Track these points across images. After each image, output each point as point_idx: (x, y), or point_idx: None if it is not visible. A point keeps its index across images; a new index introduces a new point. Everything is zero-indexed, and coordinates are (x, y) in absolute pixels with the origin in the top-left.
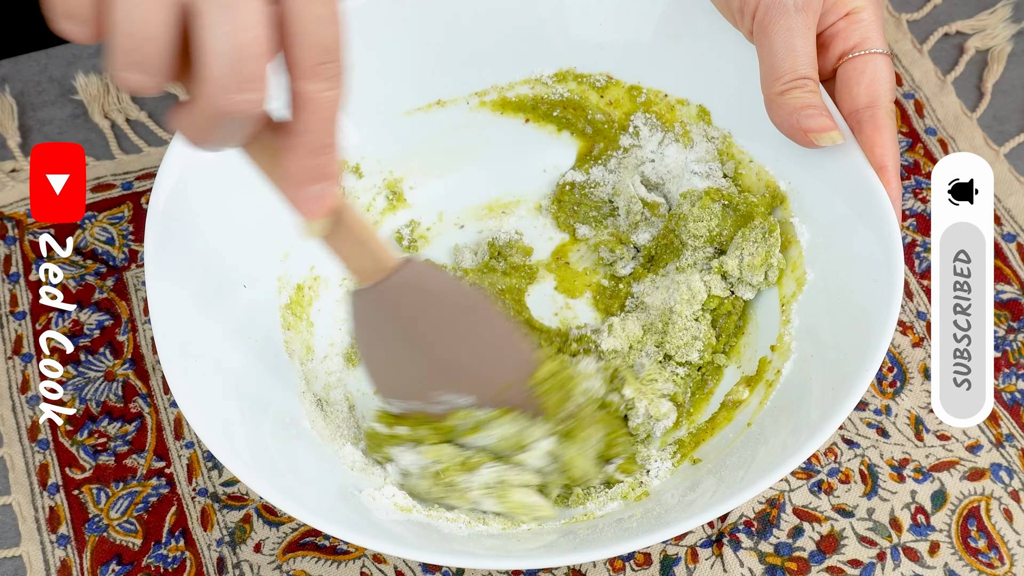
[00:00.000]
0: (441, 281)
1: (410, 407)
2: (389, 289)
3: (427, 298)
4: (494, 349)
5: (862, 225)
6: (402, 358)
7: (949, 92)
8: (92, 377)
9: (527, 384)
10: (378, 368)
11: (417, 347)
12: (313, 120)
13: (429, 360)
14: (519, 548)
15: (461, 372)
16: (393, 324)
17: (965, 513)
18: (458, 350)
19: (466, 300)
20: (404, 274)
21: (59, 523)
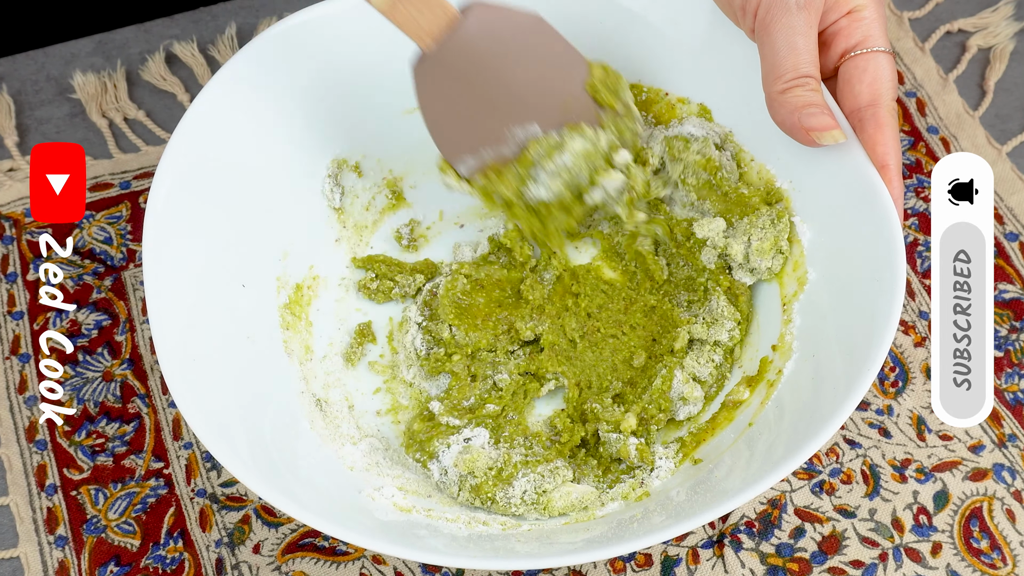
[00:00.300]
0: (499, 16)
1: (482, 160)
2: (453, 45)
3: (489, 40)
4: (552, 66)
5: (864, 224)
6: (471, 107)
7: (951, 90)
8: (90, 377)
9: (585, 89)
10: (448, 129)
11: (484, 91)
12: None
13: (497, 99)
14: (519, 548)
15: (528, 98)
16: (459, 78)
17: (967, 513)
18: (523, 80)
19: (524, 27)
20: (465, 25)
21: (57, 524)
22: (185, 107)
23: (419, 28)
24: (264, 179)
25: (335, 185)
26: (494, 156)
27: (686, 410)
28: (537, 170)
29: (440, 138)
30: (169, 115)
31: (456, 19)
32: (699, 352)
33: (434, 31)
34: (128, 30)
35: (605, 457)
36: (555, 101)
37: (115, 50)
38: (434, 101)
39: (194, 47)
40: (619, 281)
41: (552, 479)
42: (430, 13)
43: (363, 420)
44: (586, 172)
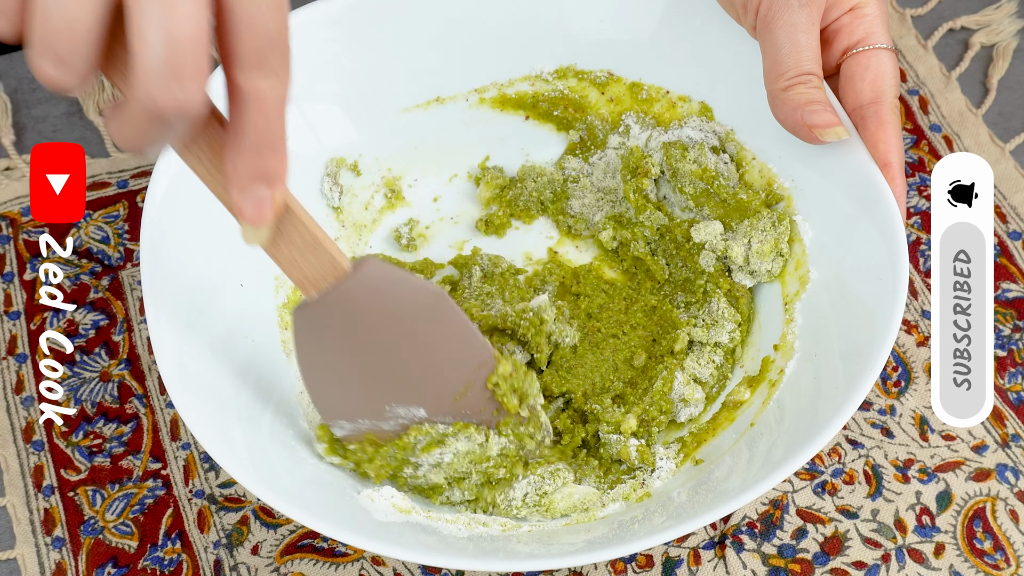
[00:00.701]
0: (394, 281)
1: (358, 428)
2: (340, 295)
3: (379, 302)
4: (451, 351)
5: (866, 223)
6: (352, 372)
7: (954, 88)
8: (87, 378)
9: (487, 385)
10: (324, 388)
11: (368, 357)
12: (256, 116)
13: (381, 370)
14: (520, 549)
15: (416, 379)
16: (342, 336)
17: (971, 514)
18: (414, 355)
19: (421, 300)
20: (355, 279)
21: (54, 525)
22: None
23: (300, 274)
24: None
25: (333, 184)
26: (371, 429)
27: (687, 412)
28: (415, 460)
29: (316, 395)
30: None
31: (344, 273)
32: (699, 353)
33: (318, 281)
34: None
35: (606, 458)
36: (447, 389)
37: None
38: (312, 354)
39: None
40: (619, 281)
41: (553, 481)
42: (315, 260)
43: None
44: (471, 470)
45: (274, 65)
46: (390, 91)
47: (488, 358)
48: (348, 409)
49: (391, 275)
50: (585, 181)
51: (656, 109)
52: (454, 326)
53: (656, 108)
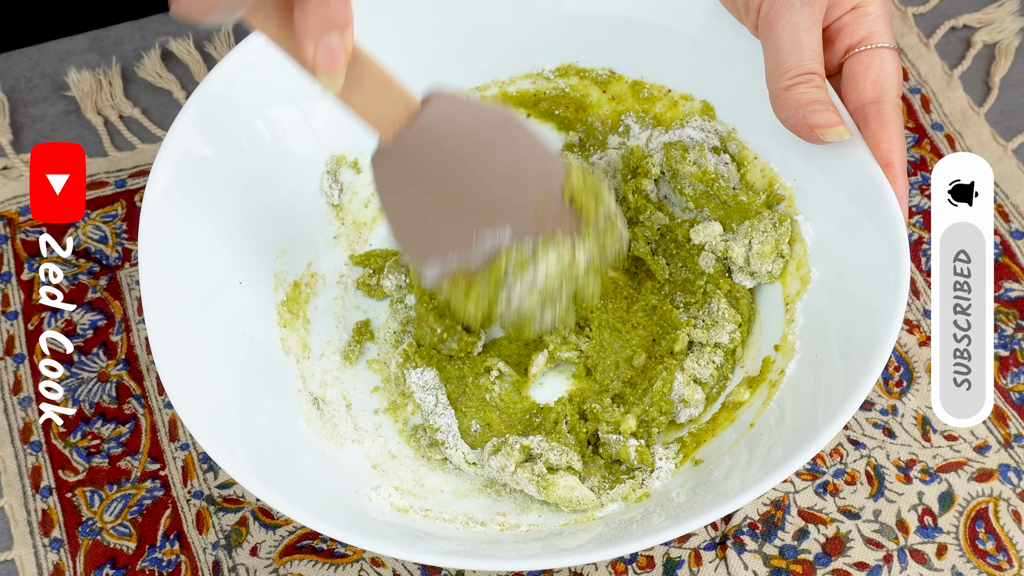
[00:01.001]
0: (463, 107)
1: (448, 265)
2: (415, 133)
3: (455, 130)
4: (525, 166)
5: (868, 222)
6: (436, 205)
7: (956, 87)
8: (85, 378)
9: (563, 193)
10: (412, 228)
11: (449, 187)
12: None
13: (463, 197)
14: (519, 549)
15: (497, 199)
16: (422, 172)
17: (973, 515)
18: (491, 177)
19: (491, 121)
20: (428, 112)
21: (52, 526)
22: (181, 104)
23: (375, 115)
24: (261, 176)
25: (334, 182)
26: (461, 263)
27: (687, 412)
28: (508, 286)
29: (404, 238)
30: (165, 112)
31: (416, 109)
32: (699, 354)
33: (392, 120)
34: (123, 27)
35: (605, 458)
36: (528, 202)
37: (110, 47)
38: (396, 197)
39: (190, 44)
40: (620, 280)
41: (560, 458)
42: (387, 101)
43: (361, 419)
44: (562, 285)
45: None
46: None
47: (560, 167)
48: (438, 243)
49: (459, 102)
50: None
51: (658, 108)
52: (525, 141)
53: (658, 107)
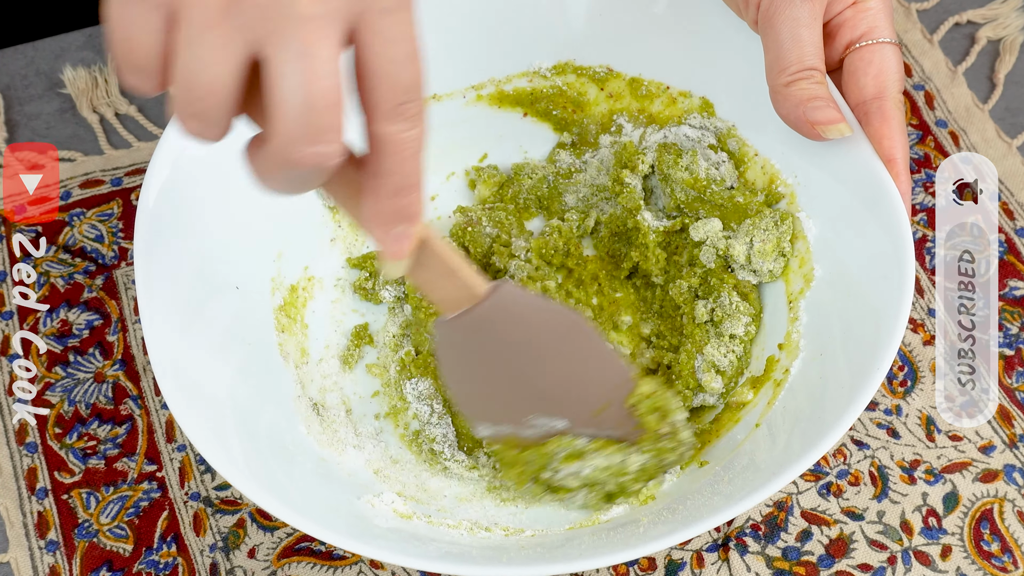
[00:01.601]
0: (531, 304)
1: (500, 432)
2: (476, 317)
3: (517, 323)
4: (589, 369)
5: (871, 220)
6: (492, 382)
7: (960, 83)
8: (81, 378)
9: (625, 404)
10: (467, 392)
11: (508, 371)
12: (395, 162)
13: (521, 383)
14: (522, 555)
15: (555, 394)
16: (481, 351)
17: (978, 516)
18: (552, 372)
19: (558, 321)
20: (493, 301)
21: (48, 528)
22: None
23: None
24: None
25: None
26: (512, 434)
27: (701, 397)
28: (555, 466)
29: (459, 396)
30: (161, 110)
31: (482, 296)
32: (718, 343)
33: (455, 303)
34: None
35: None
36: (587, 405)
37: (106, 44)
38: (453, 362)
39: None
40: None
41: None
42: (453, 286)
43: (361, 424)
44: (608, 480)
45: (410, 114)
46: None
47: (627, 379)
48: (490, 414)
49: (526, 299)
50: (578, 176)
51: (656, 106)
52: (592, 347)
53: (656, 105)
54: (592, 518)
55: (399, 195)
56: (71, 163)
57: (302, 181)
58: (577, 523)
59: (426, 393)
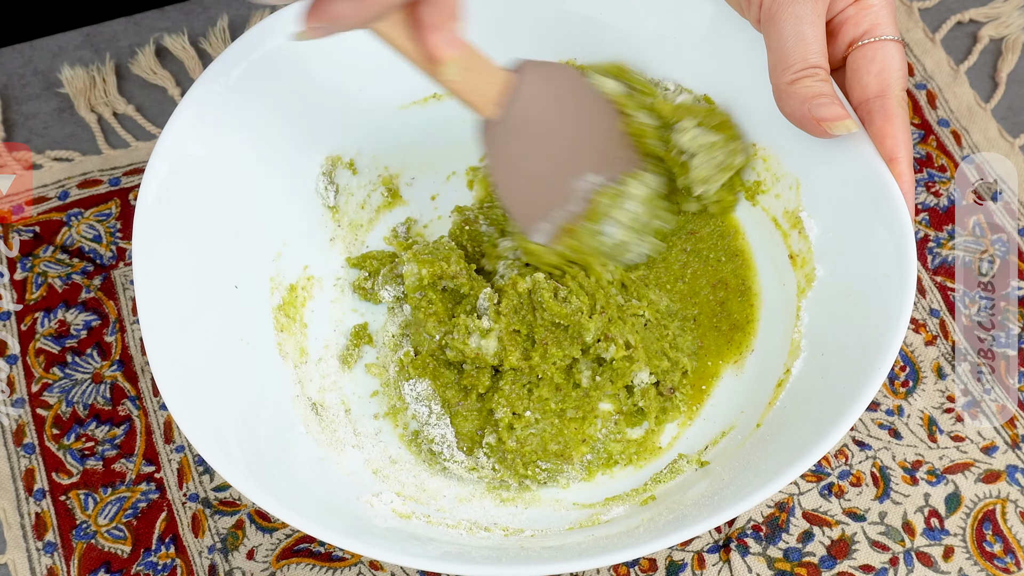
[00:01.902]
0: (548, 73)
1: (553, 222)
2: (515, 106)
3: (545, 97)
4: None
5: (873, 220)
6: (538, 165)
7: (962, 82)
8: (79, 379)
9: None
10: (521, 197)
11: (546, 148)
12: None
13: (561, 150)
14: (521, 555)
15: (583, 150)
16: (525, 139)
17: (980, 516)
18: (579, 126)
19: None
20: (523, 87)
21: (45, 530)
22: (176, 101)
23: (484, 97)
24: (257, 176)
25: (329, 183)
26: (564, 216)
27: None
28: (606, 222)
29: (517, 209)
30: (160, 110)
31: (512, 81)
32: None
33: (496, 97)
34: (117, 22)
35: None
36: (604, 147)
37: (104, 43)
38: (506, 169)
39: (185, 40)
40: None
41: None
42: (489, 79)
43: (360, 424)
44: (649, 215)
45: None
46: (386, 87)
47: (613, 108)
48: (543, 204)
49: (542, 69)
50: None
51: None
52: (588, 91)
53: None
54: (592, 518)
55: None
56: (69, 163)
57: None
58: (577, 523)
59: (424, 394)
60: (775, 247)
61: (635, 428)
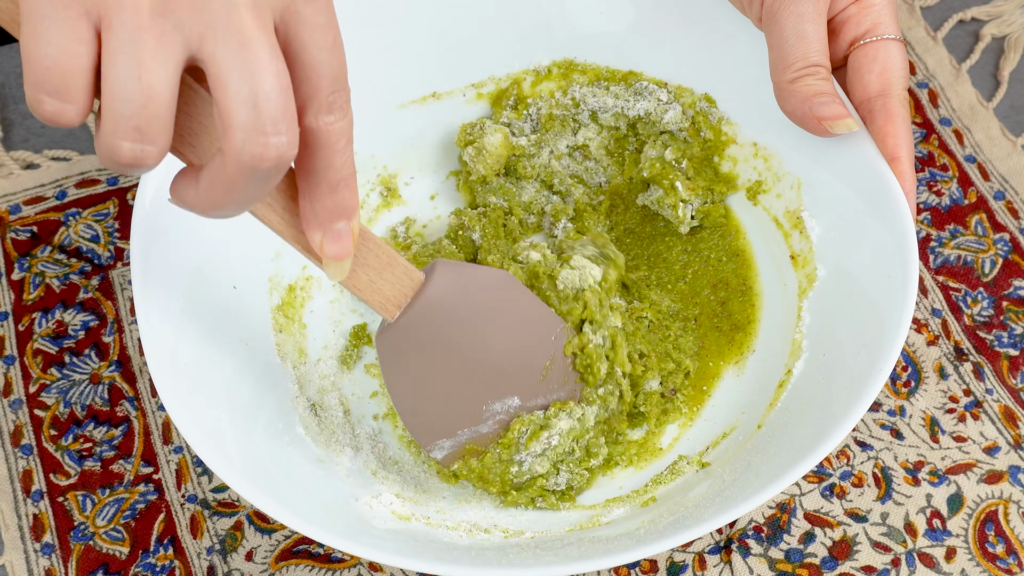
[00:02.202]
0: (464, 276)
1: (458, 442)
2: (418, 310)
3: (456, 302)
4: (528, 329)
5: (875, 219)
6: (444, 382)
7: (964, 81)
8: (77, 380)
9: (566, 355)
10: (418, 411)
11: (458, 360)
12: (329, 154)
13: (472, 368)
14: (522, 557)
15: (505, 367)
16: (428, 346)
17: (982, 517)
18: (498, 345)
19: (492, 286)
20: (430, 286)
21: (43, 531)
22: None
23: (381, 296)
24: None
25: None
26: (471, 437)
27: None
28: (521, 452)
29: (412, 421)
30: None
31: (420, 282)
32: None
33: (397, 297)
34: None
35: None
36: (535, 369)
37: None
38: (402, 378)
39: None
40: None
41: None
42: (392, 277)
43: (360, 425)
44: (576, 449)
45: (340, 103)
46: (385, 86)
47: (561, 328)
48: (446, 424)
49: (460, 271)
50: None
51: None
52: (525, 304)
53: None
54: (593, 519)
55: (336, 189)
56: (66, 162)
57: (254, 188)
58: (577, 524)
59: None
60: (776, 247)
61: (635, 429)
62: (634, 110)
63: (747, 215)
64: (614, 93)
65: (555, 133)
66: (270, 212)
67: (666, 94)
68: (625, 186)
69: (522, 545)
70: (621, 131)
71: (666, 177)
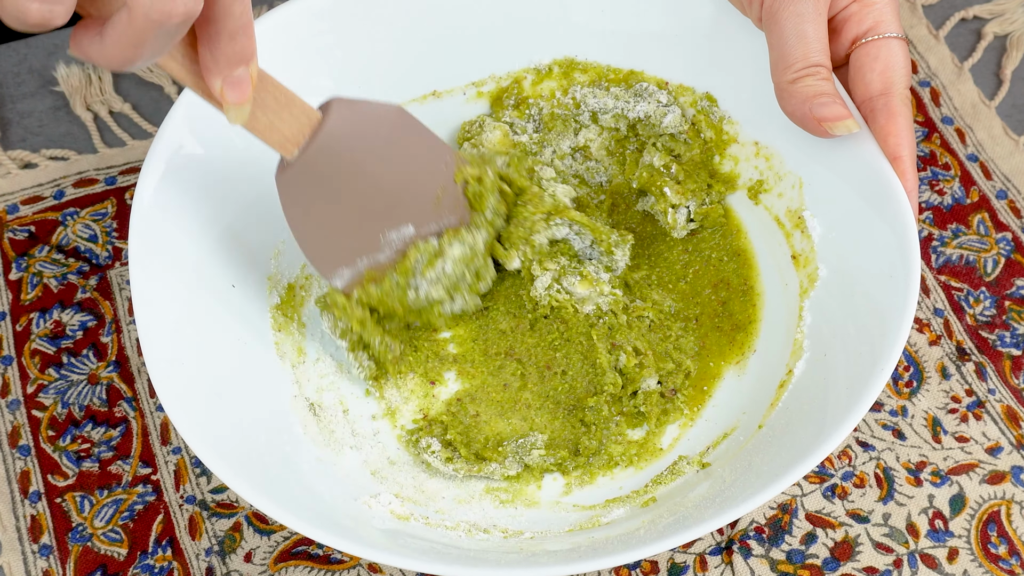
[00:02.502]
0: (361, 111)
1: (358, 270)
2: (317, 147)
3: (353, 138)
4: (421, 160)
5: (876, 218)
6: (343, 214)
7: (966, 79)
8: (75, 380)
9: (457, 182)
10: (319, 241)
11: (353, 194)
12: (230, 3)
13: (367, 201)
14: (521, 557)
15: (400, 197)
16: (326, 183)
17: (985, 518)
18: (391, 178)
19: (386, 120)
20: (327, 125)
21: (41, 532)
22: (172, 100)
23: (280, 135)
24: (254, 174)
25: None
26: (370, 264)
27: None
28: (417, 278)
29: (313, 252)
30: (156, 108)
31: (317, 120)
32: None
33: (296, 136)
34: None
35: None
36: (427, 197)
37: None
38: (303, 212)
39: None
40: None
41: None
42: (290, 117)
43: (358, 424)
44: (467, 274)
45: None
46: (385, 85)
47: (450, 157)
48: (346, 252)
49: (355, 107)
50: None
51: None
52: (417, 135)
53: None
54: (593, 519)
55: (235, 38)
56: (64, 162)
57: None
58: (577, 524)
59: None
60: (777, 247)
61: (636, 429)
62: (634, 112)
63: (748, 215)
64: (614, 94)
65: (557, 133)
66: (170, 60)
67: (666, 96)
68: (626, 186)
69: (521, 545)
70: (621, 132)
71: (655, 184)
